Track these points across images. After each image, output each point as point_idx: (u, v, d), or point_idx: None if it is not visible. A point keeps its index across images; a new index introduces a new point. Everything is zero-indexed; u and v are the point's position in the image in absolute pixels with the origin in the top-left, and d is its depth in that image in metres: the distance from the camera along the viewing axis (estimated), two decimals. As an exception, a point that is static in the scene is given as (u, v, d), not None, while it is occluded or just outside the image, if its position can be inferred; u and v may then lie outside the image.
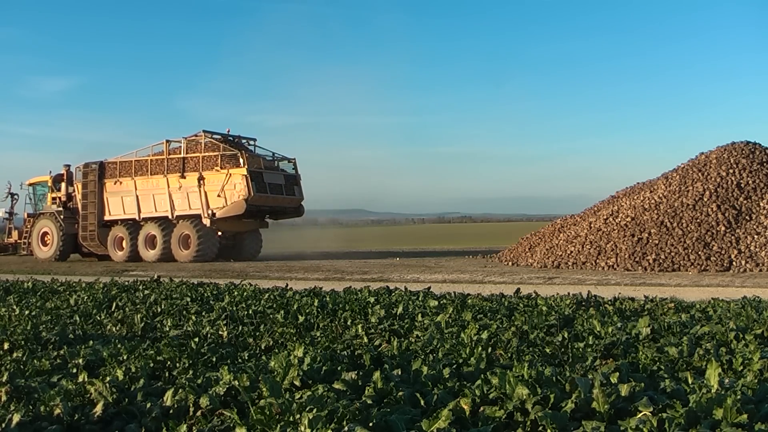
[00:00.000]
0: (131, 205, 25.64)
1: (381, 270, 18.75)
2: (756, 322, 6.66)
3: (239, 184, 23.51)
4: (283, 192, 24.99)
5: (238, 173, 23.60)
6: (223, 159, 24.05)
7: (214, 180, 24.00)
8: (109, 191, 26.11)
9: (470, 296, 9.81)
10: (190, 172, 24.49)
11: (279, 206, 25.37)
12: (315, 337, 6.58)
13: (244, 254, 25.83)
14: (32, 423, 3.84)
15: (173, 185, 24.78)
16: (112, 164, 26.28)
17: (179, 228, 24.67)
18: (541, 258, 19.07)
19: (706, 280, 14.42)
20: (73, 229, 27.48)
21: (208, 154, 24.39)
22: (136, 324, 7.63)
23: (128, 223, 25.72)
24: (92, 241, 26.63)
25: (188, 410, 4.09)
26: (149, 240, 25.24)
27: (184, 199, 24.58)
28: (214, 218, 24.02)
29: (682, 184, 18.78)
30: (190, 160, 24.68)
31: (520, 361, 4.98)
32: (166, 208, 24.98)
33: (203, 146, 24.77)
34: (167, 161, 25.01)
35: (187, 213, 24.59)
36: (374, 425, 3.54)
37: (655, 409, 3.66)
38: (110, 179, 26.15)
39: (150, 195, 25.26)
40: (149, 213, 25.37)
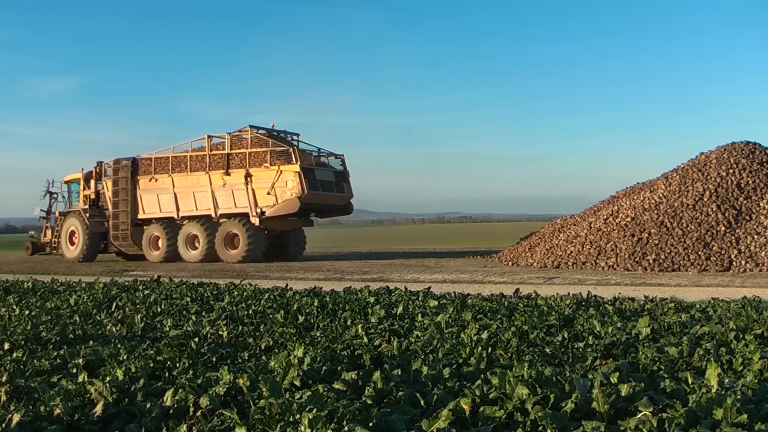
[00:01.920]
0: (168, 203, 24.70)
1: (381, 270, 18.76)
2: (756, 322, 6.66)
3: (291, 182, 22.56)
4: (333, 189, 24.01)
5: (290, 170, 22.60)
6: (272, 155, 23.02)
7: (263, 177, 22.99)
8: (143, 189, 25.19)
9: (470, 296, 9.81)
10: (235, 169, 23.50)
11: (329, 204, 24.42)
12: (315, 337, 6.58)
13: (289, 254, 25.01)
14: (32, 423, 3.84)
15: (216, 182, 23.79)
16: (146, 160, 25.33)
17: (225, 227, 23.69)
18: (541, 258, 19.08)
19: (706, 280, 14.42)
20: (100, 227, 26.68)
21: (256, 150, 23.35)
22: (136, 324, 7.64)
23: (165, 221, 24.79)
24: (124, 241, 25.73)
25: (188, 410, 4.10)
26: (190, 240, 24.28)
27: (228, 197, 23.59)
28: (263, 217, 23.04)
29: (682, 184, 18.79)
30: (235, 157, 23.67)
31: (520, 361, 4.98)
32: (209, 206, 23.98)
33: (250, 142, 23.69)
34: (209, 158, 24.02)
35: (232, 211, 23.59)
36: (374, 425, 3.54)
37: (655, 409, 3.67)
38: (144, 176, 25.21)
39: (190, 193, 24.27)
40: (189, 211, 24.40)
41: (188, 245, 24.26)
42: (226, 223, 23.65)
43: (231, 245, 23.58)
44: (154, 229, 25.07)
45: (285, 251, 24.90)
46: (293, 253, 25.14)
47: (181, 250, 24.30)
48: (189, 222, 24.31)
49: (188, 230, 24.31)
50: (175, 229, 24.62)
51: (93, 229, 26.55)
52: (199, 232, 24.02)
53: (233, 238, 23.59)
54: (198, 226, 24.04)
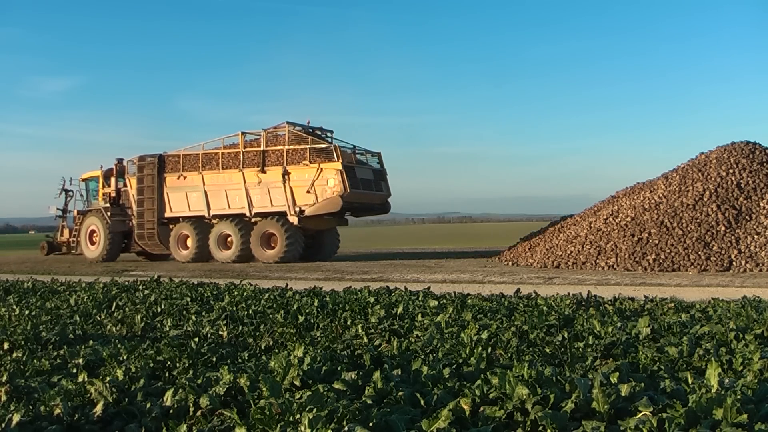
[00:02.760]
0: (198, 201, 23.85)
1: (381, 270, 18.75)
2: (756, 322, 6.66)
3: (332, 180, 21.75)
4: (372, 188, 23.31)
5: (331, 168, 21.80)
6: (312, 152, 22.20)
7: (302, 175, 22.20)
8: (170, 186, 24.29)
9: (470, 296, 9.81)
10: (271, 167, 22.66)
11: (368, 203, 23.63)
12: (315, 337, 6.58)
13: (324, 254, 24.31)
14: (32, 423, 3.84)
15: (251, 180, 22.94)
16: (173, 157, 24.43)
17: (261, 226, 22.88)
18: (541, 258, 19.08)
19: (706, 280, 14.41)
20: (122, 226, 25.97)
21: (294, 147, 22.53)
22: (136, 324, 7.64)
23: (194, 220, 23.99)
24: (150, 240, 24.86)
25: (188, 410, 4.10)
26: (222, 239, 23.47)
27: (264, 196, 22.78)
28: (302, 216, 22.31)
29: (682, 184, 18.78)
30: (271, 154, 22.83)
31: (520, 361, 4.98)
32: (242, 204, 23.14)
33: (287, 139, 22.87)
34: (243, 155, 23.16)
35: (268, 210, 22.80)
36: (374, 425, 3.54)
37: (655, 409, 3.67)
38: (172, 173, 24.30)
39: (221, 191, 23.43)
40: (220, 210, 23.57)
41: (220, 245, 23.49)
42: (263, 223, 22.93)
43: (267, 245, 22.86)
44: (182, 228, 24.26)
45: (320, 251, 24.25)
46: (328, 253, 24.52)
47: (212, 250, 23.55)
48: (221, 221, 23.53)
49: (220, 229, 23.49)
50: (205, 228, 23.85)
51: (115, 228, 25.82)
52: (233, 232, 23.22)
53: (270, 237, 22.85)
54: (231, 226, 23.23)
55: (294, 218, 22.40)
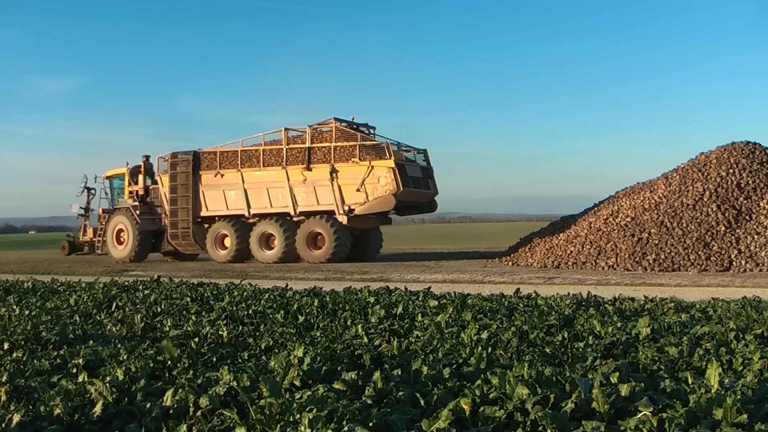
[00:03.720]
0: (237, 199, 23.02)
1: (381, 270, 18.75)
2: (756, 322, 6.66)
3: (384, 178, 20.99)
4: (421, 185, 22.64)
5: (383, 165, 21.06)
6: (362, 150, 21.43)
7: (352, 173, 21.45)
8: (206, 184, 23.42)
9: (470, 296, 9.81)
10: (318, 164, 21.87)
11: (417, 201, 23.07)
12: (315, 337, 6.58)
13: (368, 253, 23.64)
14: (32, 423, 3.84)
15: (295, 178, 22.11)
16: (209, 154, 23.59)
17: (307, 225, 22.06)
18: (541, 258, 19.07)
19: (706, 280, 14.41)
20: (151, 225, 25.21)
21: (343, 144, 21.71)
22: (136, 324, 7.64)
23: (233, 219, 23.13)
24: (184, 240, 24.02)
25: (188, 410, 4.10)
26: (264, 239, 22.64)
27: (310, 194, 21.99)
28: (352, 215, 21.57)
29: (682, 184, 18.78)
30: (317, 151, 22.05)
31: (520, 361, 4.98)
32: (286, 203, 22.34)
33: (335, 135, 22.02)
34: (286, 152, 22.35)
35: (314, 209, 22.03)
36: (374, 425, 3.54)
37: (655, 409, 3.67)
38: (208, 171, 23.43)
39: (263, 189, 22.60)
40: (262, 209, 22.73)
41: (262, 245, 22.67)
42: (309, 222, 22.13)
43: (314, 245, 22.11)
44: (220, 228, 23.35)
45: (364, 251, 23.55)
46: (372, 253, 23.93)
47: (253, 250, 22.77)
48: (264, 220, 22.70)
49: (263, 229, 22.64)
50: (245, 228, 23.02)
51: (144, 227, 25.03)
52: (276, 231, 22.38)
53: (316, 237, 22.10)
54: (274, 225, 22.40)
55: (343, 217, 21.67)
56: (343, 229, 21.77)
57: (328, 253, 21.66)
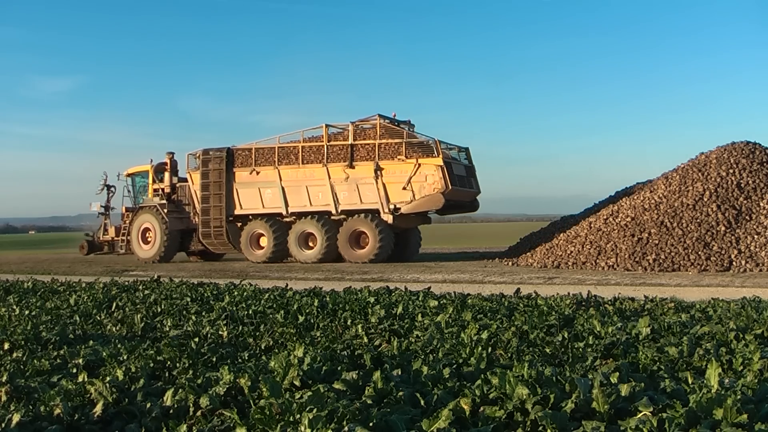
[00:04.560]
0: (274, 197, 22.35)
1: (381, 270, 18.75)
2: (756, 322, 6.66)
3: (432, 176, 20.46)
4: (465, 184, 22.06)
5: (431, 163, 20.53)
6: (408, 147, 20.91)
7: (398, 171, 20.87)
8: (241, 182, 22.73)
9: (470, 296, 9.82)
10: (361, 162, 21.26)
11: (461, 200, 22.39)
12: (315, 337, 6.58)
13: (408, 253, 23.11)
14: (32, 423, 3.84)
15: (337, 176, 21.49)
16: (243, 151, 22.92)
17: (350, 225, 21.43)
18: (541, 258, 19.07)
19: (706, 280, 14.41)
20: (180, 224, 24.45)
21: (388, 141, 21.16)
22: (136, 324, 7.64)
23: (269, 218, 22.48)
24: (217, 239, 23.23)
25: (188, 410, 4.10)
26: (303, 238, 22.03)
27: (352, 192, 21.35)
28: (397, 214, 21.00)
29: (682, 184, 18.78)
30: (361, 148, 21.41)
31: (520, 361, 4.98)
32: (327, 201, 21.68)
33: (379, 132, 21.35)
34: (327, 148, 21.69)
35: (356, 208, 21.41)
36: (374, 425, 3.54)
37: (655, 409, 3.67)
38: (242, 168, 22.74)
39: (302, 187, 21.93)
40: (300, 207, 22.05)
41: (301, 244, 22.05)
42: (353, 221, 21.47)
43: (358, 244, 21.53)
44: (256, 227, 22.66)
45: (405, 250, 22.97)
46: (412, 252, 23.48)
47: (292, 250, 22.15)
48: (303, 219, 22.03)
49: (302, 228, 22.01)
50: (282, 227, 22.37)
51: (173, 226, 24.26)
52: (316, 230, 21.75)
53: (359, 236, 21.53)
54: (314, 224, 21.76)
55: (388, 216, 21.10)
56: (387, 228, 21.26)
57: (372, 252, 21.16)
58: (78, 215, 32.01)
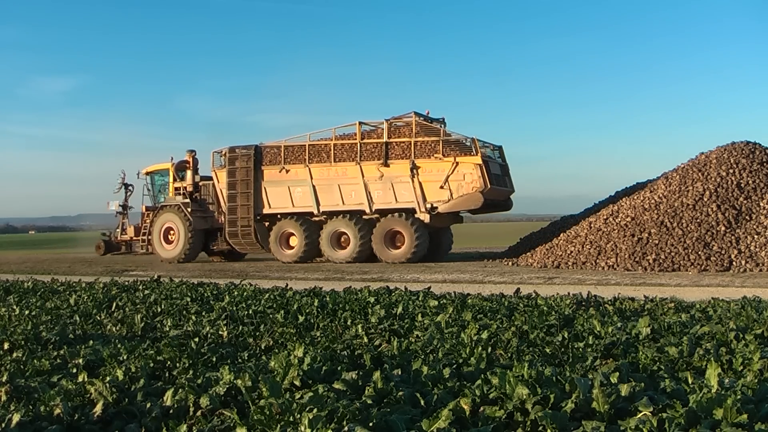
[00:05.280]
0: (304, 196, 21.92)
1: (381, 270, 18.75)
2: (756, 322, 6.66)
3: (470, 175, 20.11)
4: (500, 183, 21.69)
5: (469, 162, 20.16)
6: (445, 145, 20.54)
7: (435, 169, 20.52)
8: (269, 180, 22.33)
9: (470, 296, 9.82)
10: (396, 160, 20.89)
11: (497, 199, 21.98)
12: (315, 337, 6.58)
13: (441, 252, 22.72)
14: (32, 423, 3.84)
15: (370, 174, 21.07)
16: (272, 149, 22.56)
17: (385, 224, 21.01)
18: (541, 258, 19.07)
19: (706, 280, 14.42)
20: (203, 223, 23.97)
21: (425, 140, 20.76)
22: (136, 324, 7.63)
23: (300, 217, 22.05)
24: (245, 238, 22.76)
25: (188, 410, 4.10)
26: (336, 238, 21.63)
27: (387, 191, 20.99)
28: (434, 213, 20.70)
29: (682, 184, 18.78)
30: (396, 146, 21.06)
31: (520, 361, 4.98)
32: (361, 200, 21.29)
33: (415, 130, 21.03)
34: (361, 146, 21.31)
35: (391, 207, 21.03)
36: (374, 425, 3.54)
37: (655, 409, 3.67)
38: (271, 166, 22.34)
39: (334, 185, 21.56)
40: (332, 206, 21.63)
41: (334, 244, 21.66)
42: (388, 220, 21.07)
43: (393, 244, 21.09)
44: (286, 226, 22.22)
45: (437, 250, 22.48)
46: (443, 252, 23.05)
47: (324, 250, 21.74)
48: (335, 218, 21.59)
49: (334, 227, 21.58)
50: (313, 226, 21.97)
51: (197, 226, 23.75)
52: (349, 230, 21.34)
53: (394, 236, 21.11)
54: (348, 223, 21.35)
55: (425, 215, 20.75)
56: (423, 227, 20.93)
57: (409, 252, 20.78)
58: (78, 215, 32.04)
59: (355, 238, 21.28)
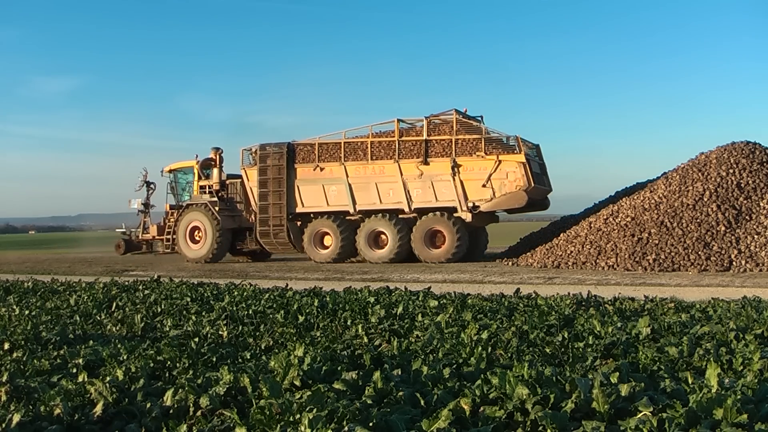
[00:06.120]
0: (340, 195, 21.56)
1: (381, 270, 18.75)
2: (756, 322, 6.67)
3: (514, 173, 19.89)
4: (541, 182, 21.38)
5: (513, 160, 19.92)
6: (487, 143, 20.22)
7: (477, 167, 20.18)
8: (303, 178, 21.92)
9: (470, 296, 9.82)
10: (436, 158, 20.59)
11: (535, 198, 21.48)
12: (315, 337, 6.58)
13: (478, 252, 22.32)
14: (32, 423, 3.85)
15: (409, 172, 20.79)
16: (306, 146, 22.11)
17: (425, 223, 20.68)
18: (541, 258, 19.07)
19: (706, 280, 14.42)
20: (231, 222, 23.43)
21: (466, 137, 20.41)
22: (136, 324, 7.64)
23: (335, 216, 21.64)
24: (277, 238, 22.29)
25: (188, 410, 4.10)
26: (373, 237, 21.21)
27: (427, 190, 20.70)
28: (476, 212, 20.42)
29: (682, 184, 18.78)
30: (436, 144, 20.70)
31: (520, 361, 4.98)
32: (399, 199, 20.98)
33: (455, 128, 20.62)
34: (399, 144, 21.00)
35: (431, 205, 20.73)
36: (374, 425, 3.54)
37: (655, 409, 3.67)
38: (305, 164, 21.95)
39: (371, 184, 21.19)
40: (369, 205, 21.28)
41: (371, 244, 21.23)
42: (428, 219, 20.72)
43: (433, 243, 20.75)
44: (320, 225, 21.81)
45: (474, 249, 22.04)
46: (480, 252, 22.67)
47: (362, 249, 21.32)
48: (373, 217, 21.18)
49: (372, 226, 21.15)
50: (350, 225, 21.55)
51: (226, 225, 23.21)
52: (388, 229, 20.97)
53: (434, 235, 20.80)
54: (386, 222, 20.96)
55: (466, 214, 20.44)
56: (464, 226, 20.64)
57: (450, 251, 20.50)
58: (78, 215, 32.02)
59: (393, 238, 20.96)
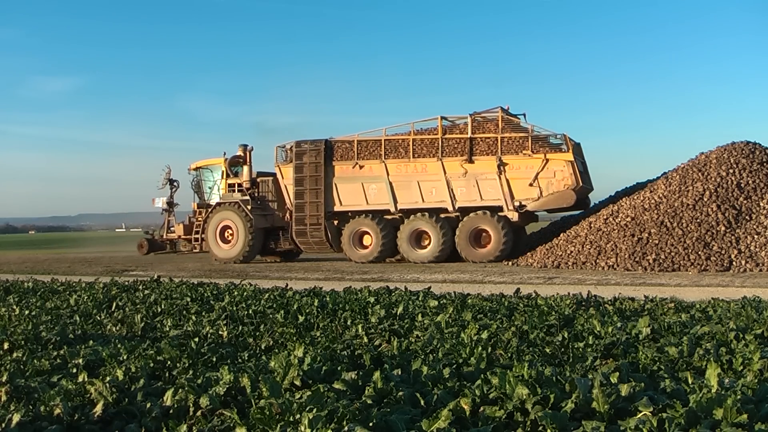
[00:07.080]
0: (380, 193, 21.10)
1: (381, 270, 18.75)
2: (756, 322, 6.67)
3: (561, 172, 19.57)
4: (586, 181, 21.02)
5: (560, 159, 19.66)
6: (534, 141, 19.90)
7: (523, 166, 19.87)
8: (341, 176, 21.44)
9: (470, 296, 9.81)
10: (481, 156, 20.20)
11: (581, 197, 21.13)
12: (315, 337, 6.58)
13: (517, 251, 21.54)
14: (32, 423, 3.85)
15: (453, 171, 20.39)
16: (344, 144, 21.64)
17: (470, 222, 20.31)
18: (541, 258, 19.07)
19: (706, 280, 14.42)
20: (264, 222, 23.01)
21: (512, 135, 20.10)
22: (136, 324, 7.64)
23: (375, 215, 21.18)
24: (314, 237, 21.77)
25: (188, 410, 4.10)
26: (416, 236, 20.88)
27: (471, 188, 20.32)
28: (523, 211, 20.14)
29: (682, 184, 18.78)
30: (481, 142, 20.32)
31: (520, 361, 4.98)
32: (442, 198, 20.62)
33: (501, 126, 20.28)
34: (442, 142, 20.60)
35: (475, 204, 20.37)
36: (374, 425, 3.54)
37: (655, 409, 3.67)
38: (343, 162, 21.48)
39: (413, 182, 20.80)
40: (411, 204, 20.91)
41: (414, 243, 20.89)
42: (472, 218, 20.36)
43: (478, 243, 20.42)
44: (360, 224, 21.36)
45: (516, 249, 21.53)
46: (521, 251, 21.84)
47: (404, 249, 20.96)
48: (415, 216, 20.81)
49: (414, 225, 20.83)
50: (390, 225, 21.17)
51: (258, 224, 22.76)
52: (431, 228, 20.63)
53: (479, 234, 20.46)
54: (429, 221, 20.61)
55: (513, 213, 20.15)
56: (510, 226, 20.31)
57: (496, 251, 20.19)
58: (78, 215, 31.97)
59: (437, 237, 20.64)
